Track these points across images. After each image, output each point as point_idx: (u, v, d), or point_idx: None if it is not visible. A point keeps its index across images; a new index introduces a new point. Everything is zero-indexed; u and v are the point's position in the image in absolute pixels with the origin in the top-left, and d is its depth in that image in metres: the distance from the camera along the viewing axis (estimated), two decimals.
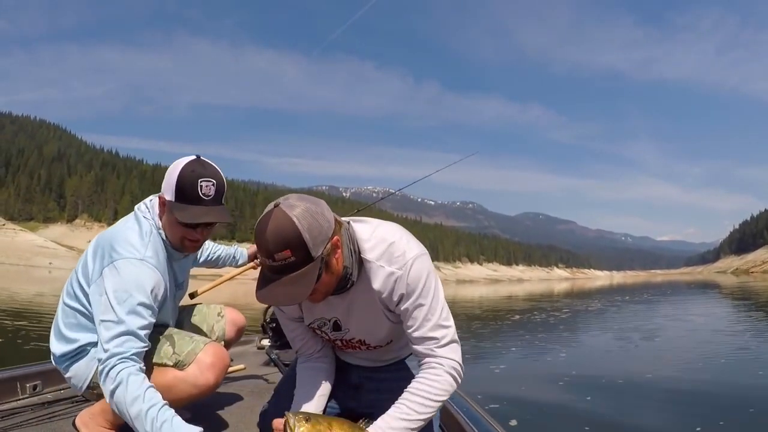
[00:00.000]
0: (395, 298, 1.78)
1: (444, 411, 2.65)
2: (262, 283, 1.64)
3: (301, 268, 1.59)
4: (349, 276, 1.78)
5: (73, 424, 2.52)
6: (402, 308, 1.78)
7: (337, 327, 1.93)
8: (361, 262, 1.79)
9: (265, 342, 4.96)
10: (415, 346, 1.82)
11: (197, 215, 2.29)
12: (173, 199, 2.31)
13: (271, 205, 1.61)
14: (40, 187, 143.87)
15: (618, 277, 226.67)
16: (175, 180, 2.30)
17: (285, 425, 1.61)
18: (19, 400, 3.14)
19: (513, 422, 6.03)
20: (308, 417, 1.64)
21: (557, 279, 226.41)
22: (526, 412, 6.54)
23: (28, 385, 3.22)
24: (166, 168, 2.40)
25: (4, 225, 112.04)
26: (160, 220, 2.43)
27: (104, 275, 2.19)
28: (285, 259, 1.56)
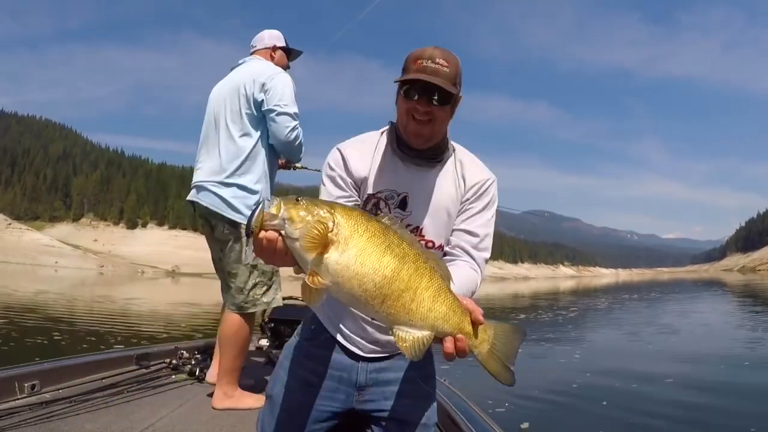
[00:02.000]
0: (474, 194, 1.89)
1: (442, 411, 2.60)
2: (415, 74, 1.69)
3: (449, 83, 1.70)
4: (447, 144, 1.90)
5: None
6: (468, 203, 1.89)
7: (403, 204, 1.86)
8: (453, 149, 1.94)
9: (264, 342, 5.00)
10: (457, 239, 1.89)
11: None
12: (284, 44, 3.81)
13: None
14: (46, 187, 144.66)
15: (624, 275, 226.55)
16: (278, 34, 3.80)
17: (260, 213, 1.26)
18: (17, 399, 3.12)
19: (525, 425, 5.94)
20: (299, 198, 1.29)
21: (563, 277, 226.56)
22: (539, 415, 6.44)
23: (26, 385, 3.19)
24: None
25: (10, 224, 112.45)
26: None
27: (271, 81, 3.37)
28: (442, 66, 1.68)
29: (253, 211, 1.27)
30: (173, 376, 3.90)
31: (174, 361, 4.09)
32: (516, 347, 1.43)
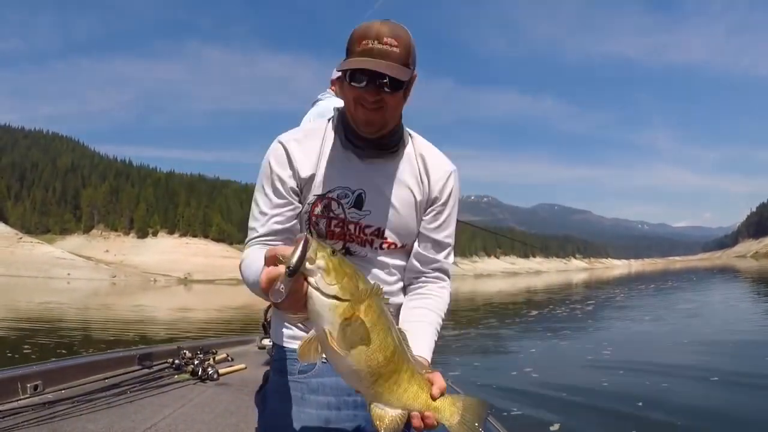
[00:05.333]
0: (441, 187, 1.72)
1: None
2: (361, 62, 1.51)
3: (401, 65, 1.52)
4: (402, 132, 1.71)
5: None
6: (437, 205, 1.73)
7: (359, 203, 1.65)
8: (410, 137, 1.76)
9: (266, 342, 4.99)
10: (423, 251, 1.75)
11: None
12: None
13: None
14: (56, 200, 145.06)
15: (636, 266, 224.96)
16: None
17: (293, 253, 1.14)
18: (20, 400, 3.13)
19: (555, 427, 5.77)
20: (335, 251, 1.20)
21: (575, 269, 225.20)
22: (570, 416, 6.16)
23: (28, 385, 3.20)
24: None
25: (21, 238, 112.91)
26: None
27: None
28: (391, 46, 1.49)
29: (302, 248, 1.15)
30: (176, 376, 3.91)
31: (176, 361, 4.08)
32: (484, 418, 1.38)
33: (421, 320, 1.64)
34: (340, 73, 3.52)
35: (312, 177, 1.64)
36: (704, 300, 22.19)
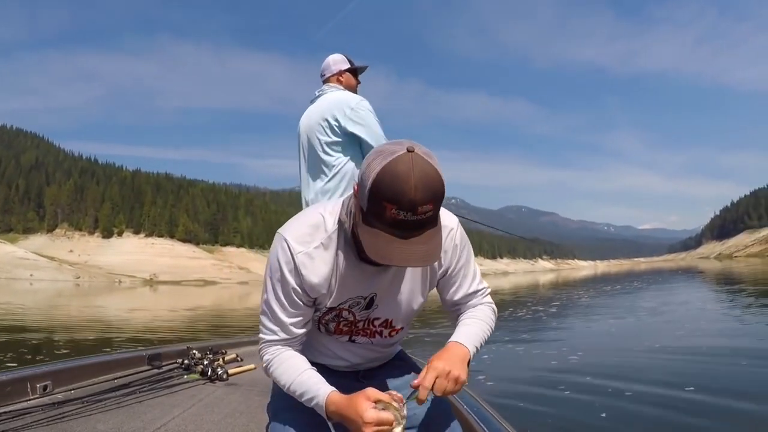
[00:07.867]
0: (451, 255, 1.64)
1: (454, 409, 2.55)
2: (392, 241, 1.32)
3: (435, 224, 1.37)
4: None
5: None
6: (456, 265, 1.67)
7: (369, 305, 1.62)
8: None
9: None
10: (459, 306, 1.77)
11: None
12: (348, 66, 3.77)
13: (398, 149, 1.29)
14: (19, 197, 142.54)
15: (602, 267, 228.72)
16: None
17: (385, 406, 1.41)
18: (30, 400, 3.11)
19: None
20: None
21: (542, 270, 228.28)
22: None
23: (38, 386, 3.18)
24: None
25: None
26: None
27: (356, 112, 3.39)
28: (426, 213, 1.29)
29: (403, 412, 1.42)
30: (185, 376, 3.88)
31: (186, 361, 4.08)
32: None
33: (462, 322, 1.71)
34: (341, 66, 3.68)
35: (325, 295, 1.57)
36: (671, 300, 22.37)
